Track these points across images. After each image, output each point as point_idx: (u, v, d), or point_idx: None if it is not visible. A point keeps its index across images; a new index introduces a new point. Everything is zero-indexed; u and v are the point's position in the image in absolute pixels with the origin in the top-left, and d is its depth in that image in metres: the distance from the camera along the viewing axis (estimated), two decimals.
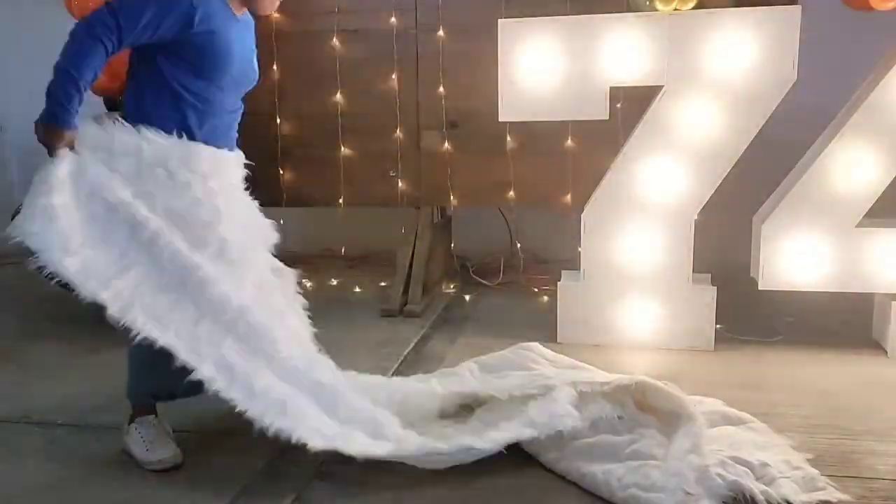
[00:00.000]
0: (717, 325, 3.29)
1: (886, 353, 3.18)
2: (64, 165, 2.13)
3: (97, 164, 2.17)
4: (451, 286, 4.37)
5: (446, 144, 4.08)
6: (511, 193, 4.05)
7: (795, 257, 3.15)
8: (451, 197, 4.14)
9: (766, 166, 3.27)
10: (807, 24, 3.01)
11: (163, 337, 2.13)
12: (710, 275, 3.39)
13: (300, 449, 2.38)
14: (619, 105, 3.67)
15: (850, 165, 3.06)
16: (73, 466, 2.38)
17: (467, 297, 4.18)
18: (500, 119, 3.36)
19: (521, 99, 3.28)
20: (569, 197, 3.94)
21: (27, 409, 2.78)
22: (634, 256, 3.27)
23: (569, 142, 3.91)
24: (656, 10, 3.11)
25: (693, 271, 3.26)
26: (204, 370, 2.15)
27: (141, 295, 2.15)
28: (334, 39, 4.09)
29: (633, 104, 3.50)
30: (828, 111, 3.28)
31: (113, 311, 2.11)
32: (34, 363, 3.28)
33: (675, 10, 3.09)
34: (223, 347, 2.19)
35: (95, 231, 2.15)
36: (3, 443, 2.55)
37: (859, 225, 3.11)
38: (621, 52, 3.15)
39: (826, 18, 3.36)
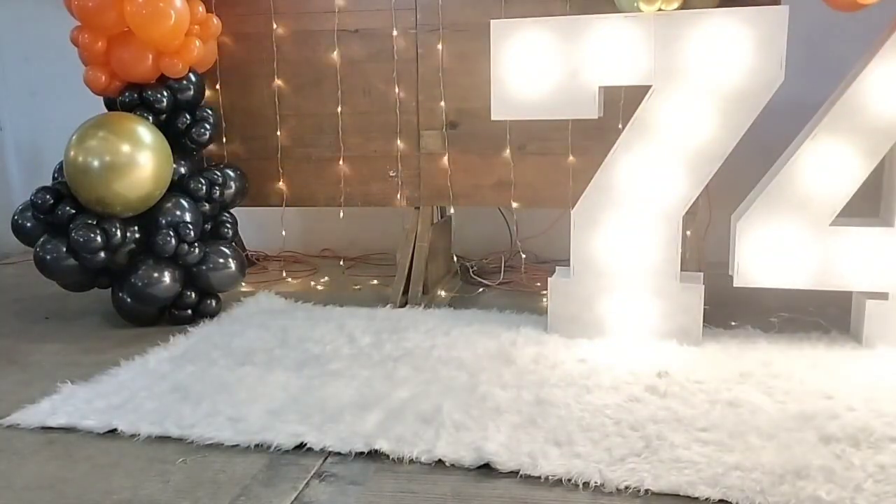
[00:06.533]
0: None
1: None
2: None
3: None
4: (451, 286, 4.37)
5: (446, 144, 4.09)
6: (511, 193, 4.06)
7: (770, 255, 3.16)
8: (451, 197, 4.15)
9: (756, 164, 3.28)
10: (796, 20, 2.99)
11: None
12: (702, 273, 3.38)
13: (300, 449, 2.39)
14: (620, 104, 3.68)
15: (824, 164, 3.07)
16: (74, 466, 2.38)
17: (467, 297, 4.18)
18: (492, 118, 3.37)
19: (513, 98, 3.29)
20: (569, 197, 3.93)
21: (27, 409, 2.77)
22: (622, 253, 3.29)
23: (569, 141, 3.91)
24: (640, 11, 3.11)
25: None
26: None
27: None
28: (334, 39, 4.10)
29: (635, 105, 3.50)
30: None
31: None
32: (34, 363, 3.28)
33: (660, 10, 3.09)
34: None
35: None
36: (3, 443, 2.55)
37: (833, 223, 3.11)
38: (609, 52, 3.16)
39: (815, 14, 3.33)
